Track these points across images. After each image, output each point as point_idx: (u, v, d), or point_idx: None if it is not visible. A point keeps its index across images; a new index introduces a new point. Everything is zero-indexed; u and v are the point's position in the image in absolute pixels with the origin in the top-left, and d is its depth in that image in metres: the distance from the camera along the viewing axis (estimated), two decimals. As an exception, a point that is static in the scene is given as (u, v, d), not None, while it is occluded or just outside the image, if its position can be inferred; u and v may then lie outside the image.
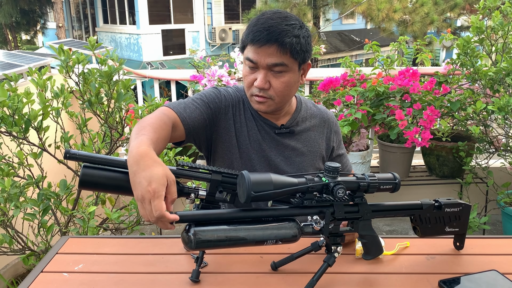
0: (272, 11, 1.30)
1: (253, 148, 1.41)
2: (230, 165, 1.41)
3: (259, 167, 1.42)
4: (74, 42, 7.13)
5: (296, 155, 1.45)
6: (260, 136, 1.42)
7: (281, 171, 1.42)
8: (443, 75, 3.16)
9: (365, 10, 10.50)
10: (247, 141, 1.41)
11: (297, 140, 1.46)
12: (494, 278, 1.08)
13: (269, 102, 1.33)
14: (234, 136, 1.41)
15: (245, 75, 1.34)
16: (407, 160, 3.12)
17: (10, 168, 2.00)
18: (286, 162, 1.44)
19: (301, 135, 1.47)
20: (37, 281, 1.10)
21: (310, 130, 1.49)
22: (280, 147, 1.44)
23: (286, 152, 1.44)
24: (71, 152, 0.96)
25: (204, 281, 1.08)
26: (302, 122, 1.47)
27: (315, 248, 1.10)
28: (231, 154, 1.41)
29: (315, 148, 1.49)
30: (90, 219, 1.89)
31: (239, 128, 1.41)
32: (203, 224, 0.94)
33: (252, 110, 1.43)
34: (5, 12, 14.57)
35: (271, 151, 1.42)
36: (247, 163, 1.41)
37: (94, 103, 2.25)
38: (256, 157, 1.41)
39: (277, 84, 1.30)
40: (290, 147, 1.44)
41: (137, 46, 14.26)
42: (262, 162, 1.42)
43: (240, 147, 1.41)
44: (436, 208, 1.15)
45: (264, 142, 1.42)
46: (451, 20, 12.48)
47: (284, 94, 1.33)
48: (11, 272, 2.71)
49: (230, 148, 1.41)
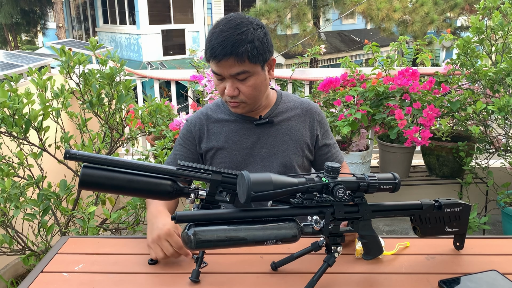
0: (225, 20, 1.35)
1: (235, 150, 1.48)
2: (221, 167, 1.45)
3: (244, 164, 1.48)
4: (74, 42, 7.13)
5: (279, 144, 1.49)
6: (239, 136, 1.48)
7: (268, 162, 1.48)
8: (443, 75, 3.16)
9: (365, 10, 10.51)
10: (227, 147, 1.48)
11: (277, 130, 1.50)
12: (494, 278, 1.08)
13: (242, 105, 1.41)
14: (213, 150, 1.50)
15: (216, 84, 1.42)
16: (407, 160, 3.12)
17: (10, 168, 2.00)
18: (270, 153, 1.49)
19: (282, 125, 1.51)
20: (37, 281, 1.10)
21: (291, 119, 1.52)
22: (262, 139, 1.49)
23: (269, 143, 1.49)
24: (71, 152, 0.97)
25: (204, 281, 1.08)
26: (282, 113, 1.51)
27: (315, 248, 1.10)
28: (216, 164, 1.50)
29: (298, 136, 1.52)
30: (90, 219, 1.89)
31: (215, 140, 1.49)
32: (203, 224, 0.94)
33: (229, 113, 1.51)
34: (5, 12, 14.57)
35: (254, 147, 1.48)
36: (233, 166, 1.48)
37: (95, 104, 2.25)
38: (240, 157, 1.48)
39: (245, 89, 1.37)
40: (272, 137, 1.49)
41: (137, 46, 14.27)
42: (247, 159, 1.49)
43: (222, 156, 1.49)
44: (436, 208, 1.15)
45: (246, 139, 1.49)
46: (451, 20, 12.49)
47: (255, 96, 1.40)
48: (11, 272, 2.71)
49: (215, 159, 1.50)
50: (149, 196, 1.07)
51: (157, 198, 1.07)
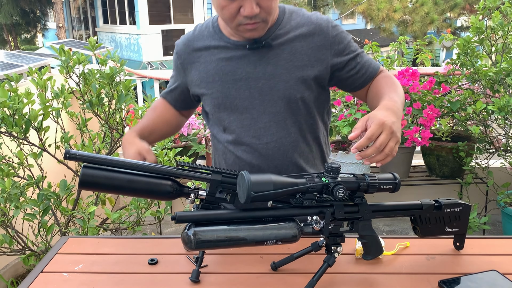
0: None
1: (228, 82, 1.28)
2: (217, 110, 1.33)
3: (241, 100, 1.29)
4: (74, 42, 7.14)
5: (280, 73, 1.26)
6: (231, 66, 1.28)
7: (267, 96, 1.27)
8: (443, 75, 3.16)
9: (365, 10, 10.51)
10: (218, 79, 1.29)
11: (278, 56, 1.26)
12: (494, 278, 1.08)
13: (261, 25, 1.20)
14: (204, 83, 1.32)
15: (223, 6, 1.16)
16: (407, 160, 3.12)
17: (10, 168, 2.01)
18: (270, 85, 1.26)
19: (283, 49, 1.26)
20: (37, 281, 1.10)
21: (295, 41, 1.27)
22: (259, 68, 1.26)
23: (268, 73, 1.26)
24: (71, 152, 0.96)
25: (204, 281, 1.08)
26: (284, 34, 1.27)
27: (315, 248, 1.10)
28: (211, 100, 1.32)
29: (304, 62, 1.27)
30: (90, 219, 1.89)
31: (204, 72, 1.31)
32: (203, 224, 0.94)
33: (218, 38, 1.30)
34: (5, 12, 14.58)
35: (249, 78, 1.27)
36: (228, 102, 1.30)
37: (95, 104, 2.26)
38: (234, 92, 1.28)
39: (266, 2, 1.16)
40: (271, 65, 1.26)
41: (137, 46, 14.27)
42: (243, 93, 1.28)
43: (213, 90, 1.31)
44: (436, 208, 1.15)
45: (239, 69, 1.27)
46: (451, 20, 12.49)
47: (274, 9, 1.21)
48: (11, 272, 2.71)
49: (207, 95, 1.33)
50: (149, 196, 1.06)
51: (157, 198, 1.07)
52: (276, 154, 1.32)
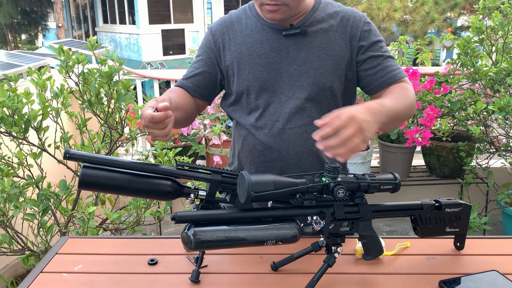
0: None
1: (260, 65, 1.29)
2: (246, 92, 1.32)
3: (270, 84, 1.29)
4: (74, 42, 7.13)
5: (312, 60, 1.27)
6: (265, 49, 1.29)
7: (297, 82, 1.28)
8: (444, 75, 3.16)
9: (365, 9, 10.51)
10: (251, 61, 1.30)
11: (311, 43, 1.28)
12: (494, 278, 1.07)
13: (283, 8, 1.20)
14: (235, 64, 1.32)
15: None
16: (407, 160, 3.12)
17: (10, 168, 2.00)
18: (301, 71, 1.28)
19: (317, 36, 1.28)
20: (36, 281, 1.10)
21: (328, 30, 1.29)
22: (292, 53, 1.28)
23: (300, 59, 1.28)
24: (71, 152, 0.96)
25: (204, 282, 1.08)
26: (318, 23, 1.29)
27: (315, 248, 1.10)
28: (241, 82, 1.32)
29: (336, 51, 1.28)
30: (89, 219, 1.89)
31: (237, 52, 1.32)
32: (203, 225, 0.94)
33: (254, 21, 1.32)
34: (6, 12, 14.58)
35: (282, 62, 1.28)
36: (258, 85, 1.31)
37: (94, 104, 2.25)
38: (265, 74, 1.29)
39: None
40: (304, 51, 1.27)
41: (137, 46, 14.27)
42: (273, 77, 1.29)
43: (244, 72, 1.31)
44: (436, 208, 1.15)
45: (273, 52, 1.29)
46: (451, 20, 12.49)
47: None
48: (11, 272, 2.71)
49: (237, 76, 1.33)
50: (149, 196, 1.06)
51: (157, 198, 1.07)
52: (298, 141, 1.31)
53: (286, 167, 1.33)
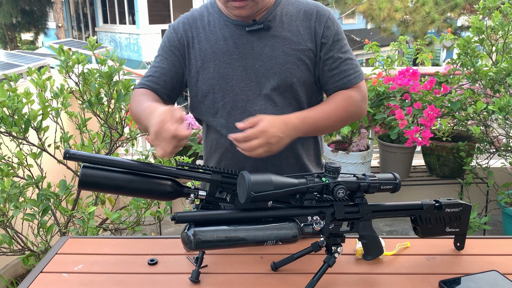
0: None
1: (224, 62, 1.26)
2: (211, 91, 1.29)
3: (237, 81, 1.27)
4: (74, 42, 7.13)
5: (278, 55, 1.25)
6: (229, 46, 1.26)
7: (263, 79, 1.26)
8: (444, 75, 3.16)
9: (366, 9, 10.51)
10: (215, 59, 1.26)
11: (275, 38, 1.25)
12: (494, 278, 1.07)
13: (249, 4, 1.19)
14: (199, 62, 1.28)
15: None
16: (407, 160, 3.12)
17: (10, 168, 2.00)
18: (267, 67, 1.25)
19: (281, 31, 1.26)
20: (36, 281, 1.10)
21: (292, 25, 1.27)
22: (256, 49, 1.25)
23: (265, 54, 1.25)
24: (71, 152, 0.96)
25: (204, 282, 1.08)
26: (281, 17, 1.27)
27: (315, 248, 1.10)
28: (206, 80, 1.29)
29: (301, 45, 1.26)
30: (89, 219, 1.89)
31: (200, 50, 1.28)
32: (203, 225, 0.94)
33: (216, 18, 1.29)
34: (5, 12, 14.57)
35: (246, 59, 1.25)
36: (223, 83, 1.27)
37: (94, 104, 2.25)
38: (230, 71, 1.26)
39: None
40: (268, 46, 1.25)
41: (136, 46, 14.27)
42: (239, 74, 1.26)
43: (209, 70, 1.27)
44: (436, 208, 1.15)
45: (237, 49, 1.26)
46: (451, 20, 12.49)
47: None
48: (11, 272, 2.71)
49: (201, 75, 1.29)
50: (149, 196, 1.06)
51: (157, 198, 1.07)
52: None
53: (260, 165, 1.29)
